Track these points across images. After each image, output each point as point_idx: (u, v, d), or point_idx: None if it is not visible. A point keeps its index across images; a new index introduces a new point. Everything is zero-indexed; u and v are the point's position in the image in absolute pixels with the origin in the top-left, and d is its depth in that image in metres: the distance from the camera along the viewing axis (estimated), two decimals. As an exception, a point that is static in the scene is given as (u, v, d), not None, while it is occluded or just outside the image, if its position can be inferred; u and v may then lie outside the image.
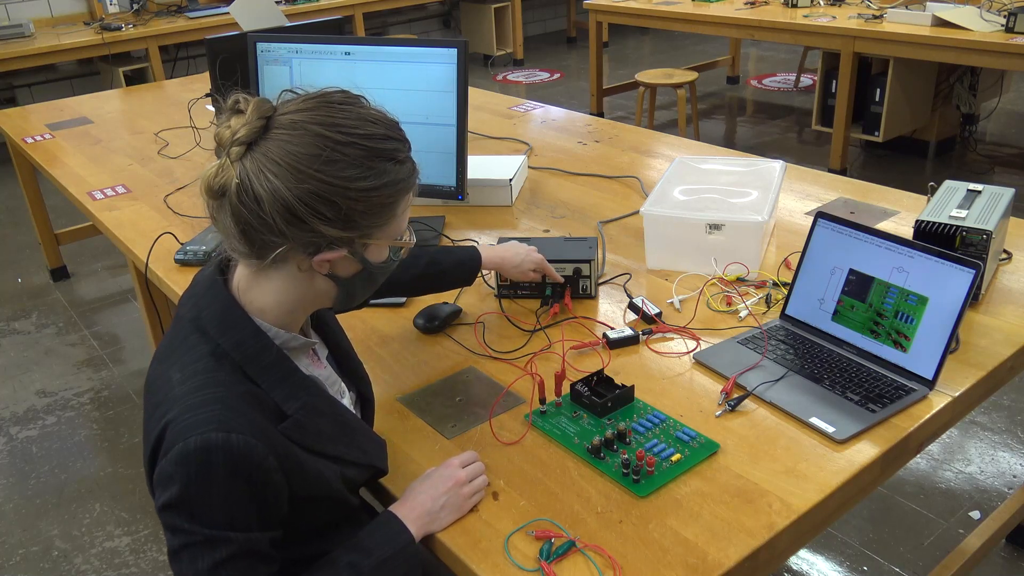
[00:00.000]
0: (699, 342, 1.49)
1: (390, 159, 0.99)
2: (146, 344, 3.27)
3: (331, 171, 0.94)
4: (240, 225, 0.96)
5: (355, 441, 1.11)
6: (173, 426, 0.93)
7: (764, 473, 1.17)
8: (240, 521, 0.94)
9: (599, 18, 5.39)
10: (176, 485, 0.92)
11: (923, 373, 1.31)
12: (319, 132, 0.94)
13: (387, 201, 1.00)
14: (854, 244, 1.42)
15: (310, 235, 0.96)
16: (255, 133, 0.95)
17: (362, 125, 0.97)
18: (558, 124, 2.82)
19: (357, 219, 0.98)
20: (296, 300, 1.04)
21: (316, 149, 0.94)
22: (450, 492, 1.12)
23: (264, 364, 1.00)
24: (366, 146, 0.96)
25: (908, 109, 4.38)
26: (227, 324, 1.00)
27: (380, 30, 7.46)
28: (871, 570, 2.08)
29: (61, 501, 2.53)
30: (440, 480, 1.13)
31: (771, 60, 7.18)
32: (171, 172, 2.55)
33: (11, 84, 5.81)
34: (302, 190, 0.93)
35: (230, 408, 0.94)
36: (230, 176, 0.94)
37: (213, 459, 0.91)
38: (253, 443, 0.93)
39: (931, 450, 2.47)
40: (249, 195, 0.94)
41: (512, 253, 1.55)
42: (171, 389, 0.96)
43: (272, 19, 3.01)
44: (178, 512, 0.92)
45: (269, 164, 0.93)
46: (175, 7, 5.93)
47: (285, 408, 1.01)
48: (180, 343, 1.01)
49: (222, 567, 0.93)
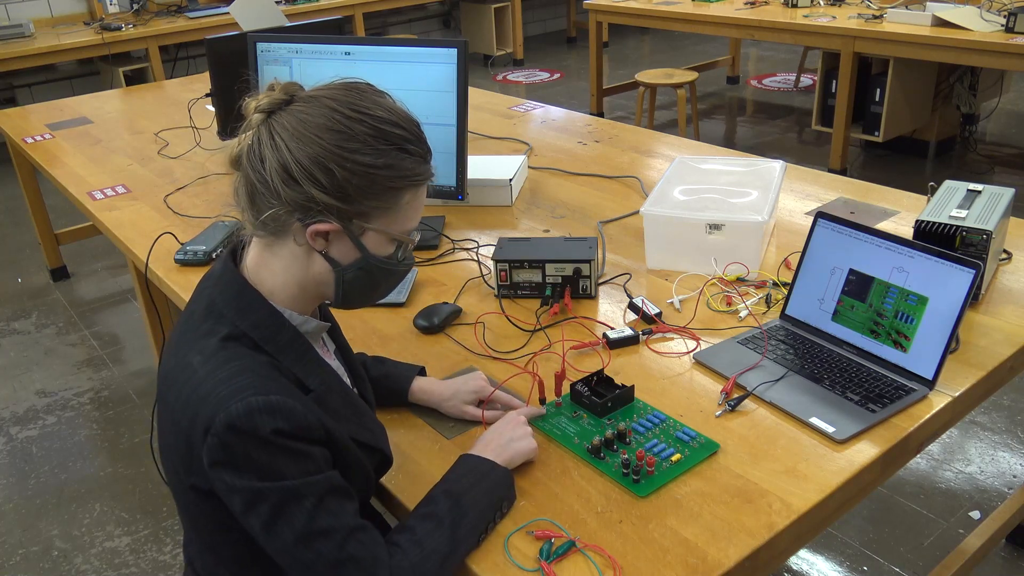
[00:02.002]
0: (699, 342, 1.49)
1: (396, 146, 1.00)
2: (146, 344, 3.27)
3: (333, 139, 0.97)
4: (248, 187, 1.01)
5: (364, 423, 1.13)
6: (207, 403, 0.94)
7: (764, 473, 1.17)
8: (308, 465, 0.96)
9: (599, 18, 5.39)
10: (235, 454, 0.93)
11: (923, 373, 1.31)
12: (332, 106, 0.98)
13: (388, 185, 1.01)
14: (854, 244, 1.42)
15: (303, 199, 0.98)
16: (276, 104, 1.00)
17: (375, 109, 1.00)
18: (558, 124, 2.82)
19: (352, 193, 0.98)
20: (298, 283, 1.05)
21: (324, 120, 0.97)
22: (515, 428, 1.19)
23: (282, 343, 1.03)
24: (373, 126, 0.99)
25: (908, 109, 4.38)
26: (243, 306, 1.02)
27: (380, 30, 7.46)
28: (871, 570, 2.08)
29: (61, 501, 2.53)
30: (505, 423, 1.20)
31: (771, 60, 7.18)
32: (171, 172, 2.55)
33: (11, 84, 5.81)
34: (302, 152, 0.96)
35: (260, 376, 0.97)
36: (245, 143, 1.00)
37: (259, 420, 0.93)
38: (292, 403, 0.96)
39: (931, 450, 2.47)
40: (256, 155, 0.99)
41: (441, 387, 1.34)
42: (194, 372, 0.98)
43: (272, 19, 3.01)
44: (250, 478, 0.94)
45: (280, 130, 0.98)
46: (175, 7, 5.93)
47: (307, 383, 1.03)
48: (195, 330, 1.03)
49: (317, 514, 0.95)
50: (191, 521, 1.12)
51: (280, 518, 0.94)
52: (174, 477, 1.06)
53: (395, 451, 1.26)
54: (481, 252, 1.88)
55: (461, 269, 1.82)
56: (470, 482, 1.09)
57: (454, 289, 1.73)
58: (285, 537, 0.95)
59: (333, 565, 0.95)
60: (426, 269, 1.82)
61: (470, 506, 1.06)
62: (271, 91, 1.01)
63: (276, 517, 0.94)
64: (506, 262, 1.63)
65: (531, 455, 1.18)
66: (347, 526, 0.97)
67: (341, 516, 0.97)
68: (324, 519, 0.95)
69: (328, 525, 0.96)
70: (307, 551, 0.95)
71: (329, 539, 0.95)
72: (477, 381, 1.32)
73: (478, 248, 1.90)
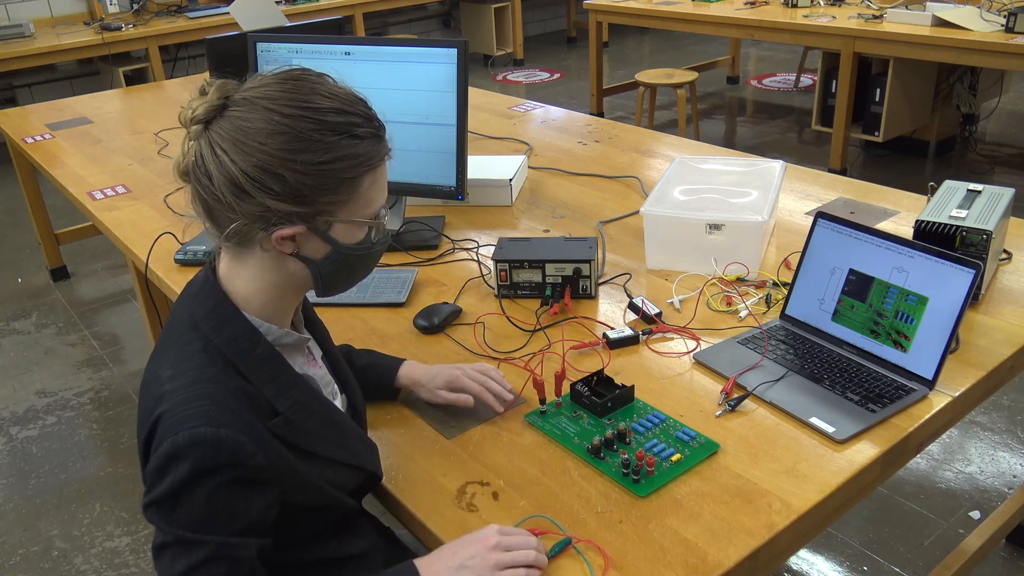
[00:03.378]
0: (699, 342, 1.49)
1: (344, 133, 0.96)
2: (146, 344, 3.27)
3: (275, 144, 0.93)
4: (203, 204, 0.98)
5: (346, 443, 1.10)
6: (164, 421, 0.92)
7: (764, 473, 1.17)
8: (219, 524, 0.92)
9: (599, 18, 5.39)
10: (162, 482, 0.91)
11: (923, 373, 1.31)
12: (267, 106, 0.94)
13: (344, 176, 0.97)
14: (854, 244, 1.42)
15: (260, 210, 0.95)
16: (212, 111, 0.95)
17: (313, 99, 0.96)
18: (558, 124, 2.82)
19: (308, 194, 0.95)
20: (272, 286, 1.02)
21: (262, 123, 0.93)
22: (476, 555, 1.00)
23: (255, 361, 0.99)
24: (316, 119, 0.95)
25: (908, 109, 4.38)
26: (219, 320, 1.00)
27: (380, 30, 7.46)
28: (871, 570, 2.08)
29: (61, 501, 2.53)
30: (469, 540, 1.03)
31: (771, 60, 7.18)
32: (171, 172, 2.54)
33: (11, 84, 5.81)
34: (248, 163, 0.93)
35: (219, 404, 0.93)
36: (189, 157, 0.96)
37: (200, 455, 0.89)
38: (242, 440, 0.92)
39: (931, 450, 2.47)
40: (202, 171, 0.95)
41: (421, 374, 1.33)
42: (162, 386, 0.95)
43: (272, 19, 3.01)
44: (159, 509, 0.92)
45: (220, 140, 0.94)
46: (175, 7, 5.93)
47: (276, 405, 0.99)
48: (173, 342, 1.00)
49: (197, 571, 0.91)
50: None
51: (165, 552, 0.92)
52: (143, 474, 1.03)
53: (395, 451, 1.26)
54: (481, 252, 1.88)
55: (461, 269, 1.82)
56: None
57: (454, 289, 1.73)
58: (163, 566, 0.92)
59: None
60: (426, 269, 1.82)
61: None
62: (203, 95, 0.96)
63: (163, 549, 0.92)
64: (506, 262, 1.63)
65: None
66: None
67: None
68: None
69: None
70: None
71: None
72: (452, 371, 1.31)
73: (478, 248, 1.90)
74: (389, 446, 1.27)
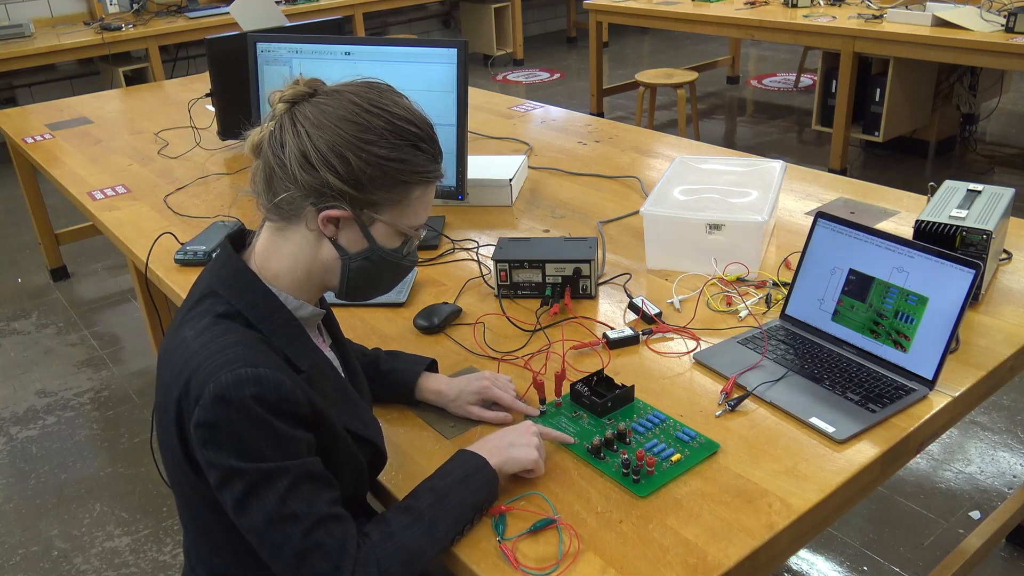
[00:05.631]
0: (699, 342, 1.49)
1: (410, 143, 1.04)
2: (146, 344, 3.27)
3: (349, 129, 1.01)
4: (267, 172, 1.04)
5: (358, 413, 1.13)
6: (198, 373, 0.96)
7: (764, 473, 1.17)
8: (288, 448, 0.97)
9: (599, 18, 5.39)
10: (219, 428, 0.95)
11: (923, 373, 1.31)
12: (352, 100, 1.03)
13: (400, 178, 1.04)
14: (854, 244, 1.42)
15: (318, 183, 1.01)
16: (299, 96, 1.04)
17: (392, 106, 1.04)
18: (558, 124, 2.82)
19: (365, 183, 1.02)
20: (303, 268, 1.07)
21: (344, 112, 1.02)
22: (520, 435, 1.15)
23: (275, 323, 1.05)
24: (390, 121, 1.03)
25: (908, 109, 4.38)
26: (239, 287, 1.05)
27: (380, 30, 7.46)
28: (871, 570, 2.08)
29: (61, 501, 2.53)
30: (512, 428, 1.17)
31: (771, 60, 7.18)
32: (171, 172, 2.55)
33: (11, 84, 5.81)
34: (321, 140, 1.00)
35: (252, 349, 0.99)
36: (267, 130, 1.04)
37: (247, 392, 0.94)
38: (281, 376, 0.97)
39: (931, 450, 2.47)
40: (277, 141, 1.03)
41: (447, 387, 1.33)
42: (188, 346, 1.00)
43: (272, 19, 3.01)
44: (229, 454, 0.95)
45: (301, 119, 1.02)
46: (175, 7, 5.93)
47: (297, 364, 1.04)
48: (190, 310, 1.05)
49: (288, 498, 0.96)
50: (186, 506, 1.12)
51: (251, 497, 0.96)
52: (170, 457, 1.06)
53: (395, 451, 1.26)
54: (481, 252, 1.88)
55: (461, 269, 1.82)
56: (456, 479, 1.08)
57: (454, 289, 1.73)
58: (255, 517, 0.96)
59: (299, 550, 0.96)
60: (426, 269, 1.82)
61: (453, 506, 1.06)
62: (295, 84, 1.05)
63: (248, 496, 0.96)
64: (506, 262, 1.63)
65: (529, 466, 1.13)
66: (318, 513, 0.98)
67: (314, 503, 0.98)
68: (295, 504, 0.96)
69: (298, 510, 0.96)
70: (275, 533, 0.96)
71: (298, 524, 0.96)
72: (481, 382, 1.31)
73: (478, 248, 1.90)
74: (389, 446, 1.27)
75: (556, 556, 1.05)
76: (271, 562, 0.98)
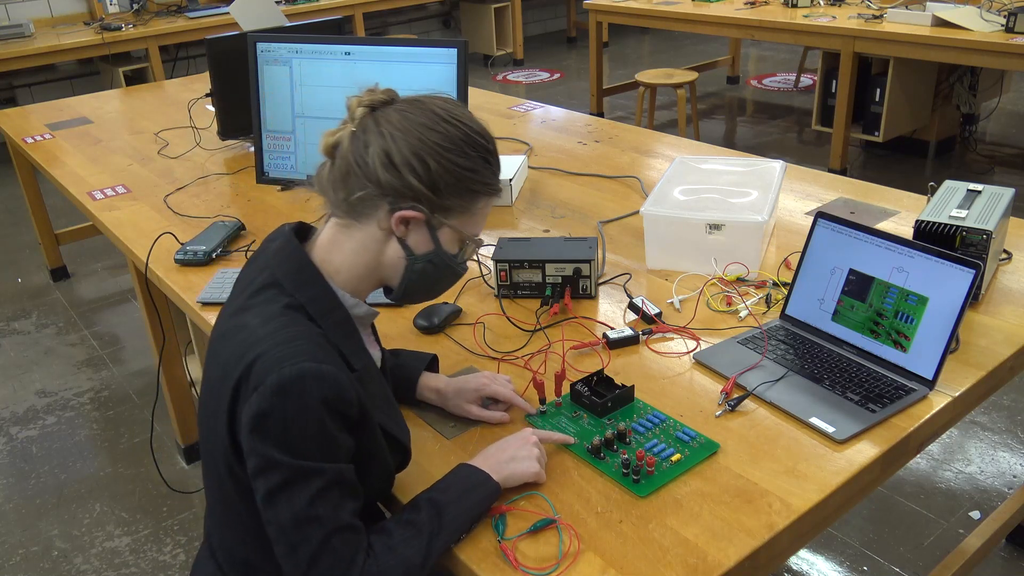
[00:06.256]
0: (699, 342, 1.49)
1: (481, 154, 1.10)
2: (146, 344, 3.27)
3: (432, 137, 1.07)
4: (344, 170, 1.08)
5: (392, 414, 1.16)
6: (263, 360, 0.99)
7: (764, 473, 1.17)
8: (331, 451, 1.00)
9: (599, 18, 5.40)
10: (271, 417, 0.97)
11: (923, 373, 1.31)
12: (432, 109, 1.08)
13: (471, 188, 1.10)
14: (854, 244, 1.42)
15: (399, 184, 1.06)
16: (379, 102, 1.09)
17: (468, 120, 1.11)
18: (558, 124, 2.82)
19: (442, 188, 1.07)
20: (364, 266, 1.11)
21: (425, 119, 1.07)
22: (521, 447, 1.16)
23: (334, 321, 1.08)
24: (466, 133, 1.09)
25: (908, 109, 4.38)
26: (302, 280, 1.08)
27: (380, 30, 7.46)
28: (871, 570, 2.09)
29: (61, 501, 2.53)
30: (511, 439, 1.18)
31: (771, 60, 7.18)
32: (171, 172, 2.55)
33: (11, 84, 5.81)
34: (405, 144, 1.06)
35: (317, 345, 1.02)
36: (347, 131, 1.08)
37: (308, 387, 0.97)
38: (341, 376, 1.00)
39: (931, 450, 2.47)
40: (360, 142, 1.07)
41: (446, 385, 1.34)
42: (252, 332, 1.02)
43: (272, 19, 3.01)
44: (273, 445, 0.97)
45: (384, 123, 1.07)
46: (175, 7, 5.93)
47: (352, 362, 1.07)
48: (252, 298, 1.07)
49: (317, 500, 0.98)
50: (219, 488, 1.12)
51: (283, 492, 0.98)
52: (213, 438, 1.07)
53: (395, 451, 1.26)
54: (481, 252, 1.88)
55: (461, 269, 1.82)
56: (457, 494, 1.09)
57: (454, 289, 1.73)
58: (281, 511, 0.98)
59: (314, 553, 0.98)
60: (426, 269, 1.82)
61: (450, 520, 1.07)
62: (373, 92, 1.11)
63: (280, 490, 0.98)
64: (506, 262, 1.63)
65: (531, 479, 1.15)
66: (340, 521, 1.00)
67: (339, 510, 1.00)
68: (322, 507, 0.98)
69: (324, 514, 0.98)
70: (297, 531, 0.98)
71: (320, 528, 0.98)
72: (480, 379, 1.32)
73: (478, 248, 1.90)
74: (389, 446, 1.27)
75: (556, 556, 1.05)
76: (283, 558, 1.00)
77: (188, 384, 2.57)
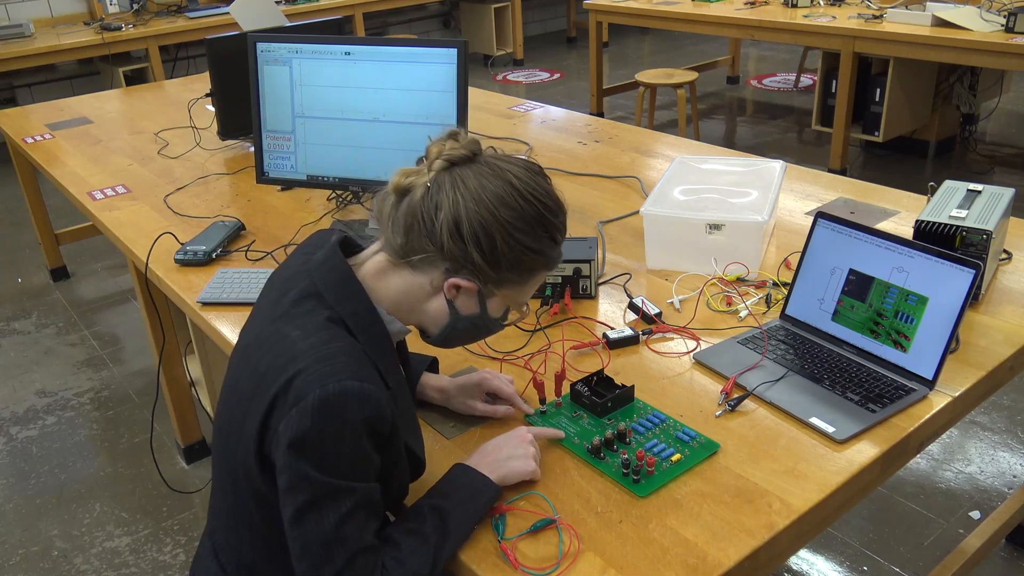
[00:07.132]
0: (699, 342, 1.49)
1: (550, 233, 1.09)
2: (146, 344, 3.27)
3: (505, 214, 1.04)
4: (409, 220, 1.06)
5: (416, 432, 1.17)
6: (305, 374, 0.98)
7: (764, 473, 1.17)
8: (363, 471, 1.00)
9: (599, 18, 5.39)
10: (310, 435, 0.96)
11: (923, 373, 1.31)
12: (512, 182, 1.05)
13: (530, 266, 1.08)
14: (854, 244, 1.42)
15: (461, 255, 1.05)
16: (461, 158, 1.07)
17: (546, 197, 1.08)
18: (558, 124, 2.82)
19: (503, 265, 1.06)
20: (411, 307, 1.11)
21: (502, 191, 1.04)
22: (517, 445, 1.17)
23: (372, 336, 1.08)
24: (540, 212, 1.07)
25: (908, 109, 4.38)
26: (344, 295, 1.07)
27: (380, 30, 7.46)
28: (871, 570, 2.09)
29: (61, 501, 2.53)
30: (505, 438, 1.18)
31: (771, 60, 7.18)
32: (171, 172, 2.55)
33: (11, 84, 5.81)
34: (476, 216, 1.03)
35: (359, 361, 1.01)
36: (421, 180, 1.06)
37: (349, 406, 0.97)
38: (381, 395, 1.00)
39: (931, 450, 2.47)
40: (432, 200, 1.04)
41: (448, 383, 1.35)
42: (294, 344, 1.02)
43: (272, 19, 3.01)
44: (308, 463, 0.97)
45: (461, 185, 1.04)
46: (175, 7, 5.93)
47: (387, 380, 1.07)
48: (293, 307, 1.07)
49: (345, 521, 0.98)
50: (233, 493, 1.12)
51: (312, 510, 0.98)
52: (237, 443, 1.06)
53: (395, 451, 1.26)
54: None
55: (461, 269, 1.82)
56: (459, 499, 1.09)
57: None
58: (309, 529, 0.98)
59: (337, 573, 0.98)
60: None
61: (455, 527, 1.07)
62: (455, 140, 1.08)
63: (309, 507, 0.98)
64: (506, 262, 1.63)
65: (528, 476, 1.15)
66: (364, 543, 0.99)
67: (364, 532, 1.00)
68: (349, 528, 0.98)
69: (350, 535, 0.98)
70: (323, 551, 0.98)
71: (346, 549, 0.98)
72: (482, 374, 1.33)
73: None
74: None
75: (556, 556, 1.05)
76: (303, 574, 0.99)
77: (188, 384, 2.57)
